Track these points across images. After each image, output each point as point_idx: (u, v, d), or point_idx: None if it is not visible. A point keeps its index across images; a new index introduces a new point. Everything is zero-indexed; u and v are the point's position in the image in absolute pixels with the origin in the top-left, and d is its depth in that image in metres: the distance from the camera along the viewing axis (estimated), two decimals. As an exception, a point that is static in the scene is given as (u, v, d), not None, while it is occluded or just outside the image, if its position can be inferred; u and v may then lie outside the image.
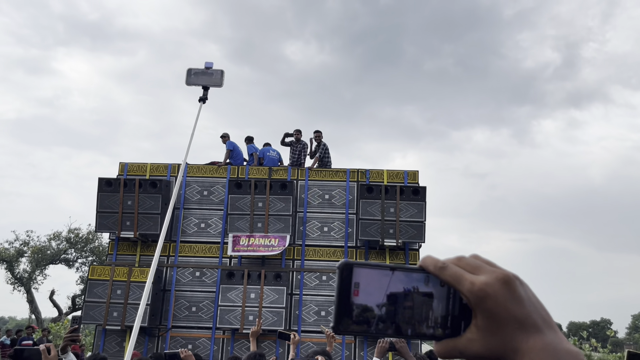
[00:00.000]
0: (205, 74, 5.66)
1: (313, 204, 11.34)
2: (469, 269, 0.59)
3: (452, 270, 0.59)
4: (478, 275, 0.58)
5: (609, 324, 65.98)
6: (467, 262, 0.60)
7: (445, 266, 0.59)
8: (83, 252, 29.73)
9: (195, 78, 5.70)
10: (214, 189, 11.58)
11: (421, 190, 10.77)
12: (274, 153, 12.24)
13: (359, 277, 0.59)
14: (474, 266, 0.60)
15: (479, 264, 0.60)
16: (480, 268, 0.59)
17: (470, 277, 0.58)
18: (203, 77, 5.62)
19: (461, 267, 0.60)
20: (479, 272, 0.59)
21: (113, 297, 10.46)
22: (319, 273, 10.88)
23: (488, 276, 0.58)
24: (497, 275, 0.58)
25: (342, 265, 0.59)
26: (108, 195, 11.05)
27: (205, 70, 5.65)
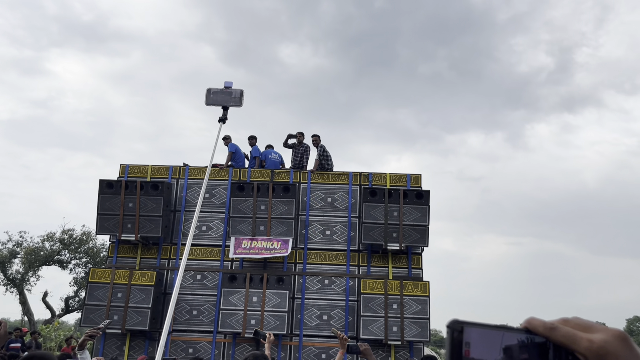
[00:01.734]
0: (224, 93, 5.62)
1: (315, 207, 11.29)
2: (580, 328, 0.61)
3: (564, 331, 0.60)
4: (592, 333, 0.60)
5: (603, 327, 66.29)
6: (575, 322, 0.62)
7: (555, 327, 0.61)
8: (77, 254, 29.48)
9: (215, 97, 5.62)
10: (215, 192, 11.50)
11: (425, 194, 10.74)
12: (276, 156, 12.18)
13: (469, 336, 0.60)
14: (584, 326, 0.61)
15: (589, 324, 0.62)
16: (592, 327, 0.61)
17: (587, 336, 0.59)
18: (222, 97, 5.58)
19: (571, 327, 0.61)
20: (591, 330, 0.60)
21: (113, 301, 10.35)
22: (321, 277, 10.82)
23: (604, 334, 0.59)
24: (613, 333, 0.60)
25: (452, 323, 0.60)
26: (109, 197, 10.94)
27: (225, 90, 5.61)
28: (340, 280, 10.79)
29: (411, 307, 10.17)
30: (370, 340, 10.16)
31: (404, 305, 10.16)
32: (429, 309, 10.17)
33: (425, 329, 10.06)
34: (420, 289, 10.29)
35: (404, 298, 10.19)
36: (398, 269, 10.88)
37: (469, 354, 0.59)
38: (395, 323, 10.06)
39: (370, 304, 10.21)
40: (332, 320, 10.56)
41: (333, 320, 10.56)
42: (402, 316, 10.07)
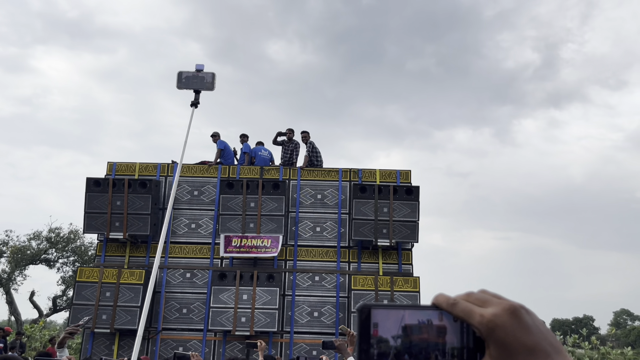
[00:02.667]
0: (196, 77, 5.52)
1: (305, 203, 11.25)
2: (478, 303, 0.63)
3: (463, 306, 0.63)
4: (486, 308, 0.62)
5: (591, 320, 67.22)
6: (475, 297, 0.64)
7: (456, 302, 0.63)
8: (64, 252, 29.19)
9: (187, 82, 5.53)
10: (204, 189, 11.42)
11: (414, 190, 10.75)
12: (266, 153, 12.12)
13: (376, 317, 0.64)
14: (482, 300, 0.64)
15: (487, 298, 0.64)
16: (488, 301, 0.63)
17: (479, 310, 0.62)
18: (194, 81, 5.49)
19: (470, 302, 0.63)
20: (487, 305, 0.63)
21: (102, 300, 10.25)
22: (311, 274, 10.80)
23: (496, 308, 0.61)
24: (504, 306, 0.61)
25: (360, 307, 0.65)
26: (96, 195, 10.82)
27: (197, 74, 5.52)
28: (330, 277, 10.78)
29: (402, 302, 10.18)
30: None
31: (394, 301, 10.17)
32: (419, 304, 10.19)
33: (415, 325, 10.08)
34: (411, 285, 10.31)
35: (395, 294, 10.20)
36: (388, 265, 10.89)
37: (377, 333, 0.64)
38: (385, 319, 10.07)
39: (361, 300, 10.21)
40: (323, 317, 10.55)
41: (324, 317, 10.55)
42: (393, 312, 10.08)
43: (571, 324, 60.29)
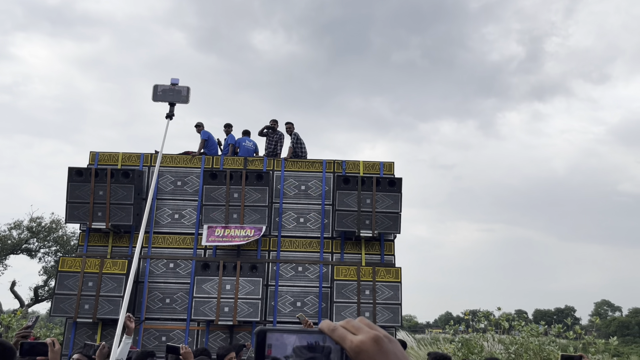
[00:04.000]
0: (172, 90, 5.66)
1: (289, 194, 11.31)
2: (352, 330, 0.79)
3: (339, 332, 0.79)
4: (357, 335, 0.78)
5: (572, 311, 68.52)
6: (352, 325, 0.80)
7: (335, 328, 0.79)
8: (46, 242, 28.91)
9: (163, 95, 5.66)
10: (188, 179, 11.41)
11: (397, 182, 10.86)
12: (250, 143, 12.12)
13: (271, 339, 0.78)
14: (356, 327, 0.80)
15: (360, 326, 0.80)
16: (360, 329, 0.79)
17: (350, 337, 0.78)
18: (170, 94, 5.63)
19: (347, 329, 0.79)
20: (359, 332, 0.79)
21: (84, 290, 10.23)
22: (295, 264, 10.88)
23: (363, 335, 0.78)
24: (369, 335, 0.78)
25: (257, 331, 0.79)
26: (78, 185, 10.75)
27: (172, 87, 5.65)
28: (313, 267, 10.87)
29: (383, 292, 10.32)
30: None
31: (376, 291, 10.30)
32: (400, 295, 10.34)
33: (397, 314, 10.23)
34: (393, 275, 10.44)
35: (377, 284, 10.33)
36: (371, 256, 11.01)
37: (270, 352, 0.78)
38: (367, 309, 10.20)
39: (343, 290, 10.32)
40: (306, 307, 10.65)
41: (307, 307, 10.65)
42: (375, 302, 10.22)
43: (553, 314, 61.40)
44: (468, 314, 18.04)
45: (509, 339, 14.11)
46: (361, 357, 0.77)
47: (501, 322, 14.81)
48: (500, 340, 14.59)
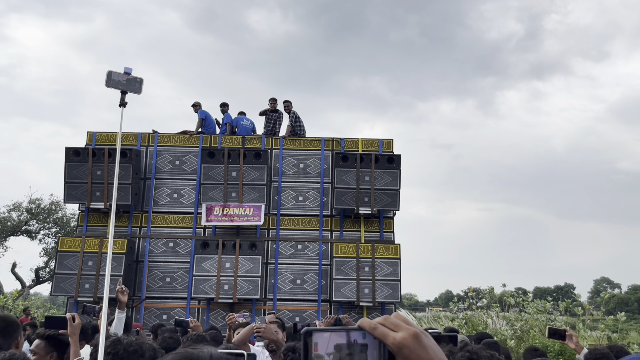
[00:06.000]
0: (125, 78, 5.63)
1: (288, 173, 11.28)
2: (392, 327, 0.88)
3: (380, 330, 0.88)
4: (397, 332, 0.87)
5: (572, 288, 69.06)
6: (390, 322, 0.89)
7: (376, 327, 0.88)
8: (46, 224, 28.98)
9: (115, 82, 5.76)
10: (186, 159, 11.37)
11: (396, 159, 10.82)
12: (248, 122, 12.05)
13: (316, 339, 0.86)
14: (395, 324, 0.89)
15: (398, 323, 0.89)
16: (399, 326, 0.88)
17: (392, 334, 0.87)
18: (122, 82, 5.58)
19: (386, 326, 0.89)
20: (398, 329, 0.88)
21: (84, 269, 10.26)
22: (294, 242, 10.90)
23: (404, 332, 0.87)
24: (410, 332, 0.87)
25: (304, 332, 0.87)
26: (76, 165, 10.71)
27: (125, 76, 5.63)
28: (313, 245, 10.89)
29: (382, 269, 10.36)
30: (343, 302, 10.36)
31: (375, 267, 10.34)
32: (399, 271, 10.38)
33: (396, 290, 10.28)
34: (392, 252, 10.47)
35: (376, 261, 10.36)
36: (370, 233, 11.02)
37: (317, 350, 0.85)
38: (367, 285, 10.25)
39: (343, 267, 10.36)
40: (306, 285, 10.70)
41: (306, 284, 10.70)
42: (374, 278, 10.26)
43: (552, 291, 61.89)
44: (472, 290, 18.11)
45: (514, 315, 14.14)
46: (403, 352, 0.87)
47: (506, 298, 14.85)
48: (504, 317, 14.63)
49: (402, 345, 0.87)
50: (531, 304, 14.04)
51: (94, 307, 5.26)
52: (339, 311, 10.47)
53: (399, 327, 0.89)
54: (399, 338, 0.87)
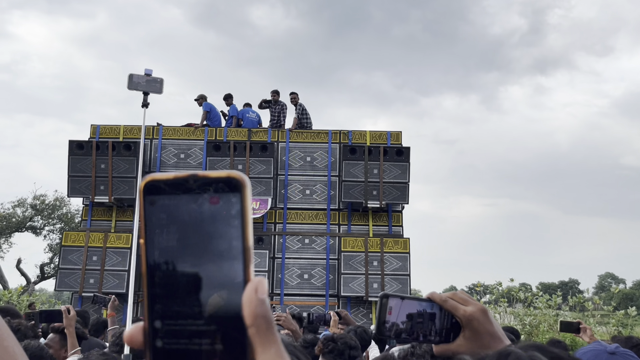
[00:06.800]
0: (145, 79, 5.96)
1: (294, 166, 11.09)
2: (461, 301, 0.97)
3: (451, 303, 0.96)
4: (467, 306, 0.96)
5: (576, 284, 68.83)
6: (459, 297, 0.98)
7: (447, 300, 0.96)
8: (50, 220, 28.90)
9: (137, 84, 5.97)
10: (191, 152, 11.19)
11: (405, 151, 10.62)
12: (254, 115, 11.86)
13: (391, 303, 0.93)
14: (463, 299, 0.97)
15: (466, 298, 0.97)
16: (468, 301, 0.97)
17: (462, 307, 0.95)
18: (144, 83, 5.93)
19: (456, 300, 0.97)
20: (467, 304, 0.96)
21: (89, 264, 10.11)
22: (301, 236, 10.72)
23: (473, 307, 0.96)
24: (479, 307, 0.96)
25: (382, 295, 0.94)
26: (80, 158, 10.55)
27: (146, 77, 5.96)
28: (320, 239, 10.71)
29: (392, 264, 10.17)
30: (351, 297, 10.19)
31: (384, 262, 10.15)
32: (409, 266, 10.20)
33: (405, 285, 10.10)
34: (401, 246, 10.28)
35: (385, 255, 10.18)
36: (378, 227, 10.83)
37: (390, 313, 0.93)
38: (375, 280, 10.07)
39: (351, 262, 10.18)
40: (313, 279, 10.53)
41: (314, 279, 10.52)
42: (383, 273, 10.08)
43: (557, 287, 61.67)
44: (480, 285, 17.91)
45: (523, 310, 13.97)
46: (473, 324, 0.95)
47: (514, 293, 14.65)
48: (512, 312, 14.45)
49: (473, 318, 0.95)
50: (541, 299, 13.86)
51: (104, 298, 5.33)
52: (347, 306, 10.30)
53: (468, 302, 0.98)
54: (469, 311, 0.96)
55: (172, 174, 0.45)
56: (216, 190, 0.45)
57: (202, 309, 0.43)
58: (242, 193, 0.45)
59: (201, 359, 0.43)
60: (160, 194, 0.44)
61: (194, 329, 0.43)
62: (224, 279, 0.44)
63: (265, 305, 0.44)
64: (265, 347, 0.43)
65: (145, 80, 5.89)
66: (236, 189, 0.45)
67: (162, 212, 0.44)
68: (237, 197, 0.44)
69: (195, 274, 0.44)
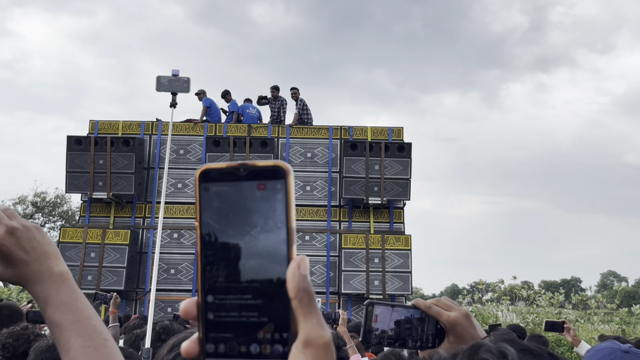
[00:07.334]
0: (173, 80, 6.13)
1: (295, 162, 10.97)
2: (445, 307, 1.03)
3: (435, 309, 1.03)
4: (451, 312, 1.03)
5: (578, 282, 68.69)
6: (442, 303, 1.04)
7: (430, 306, 1.03)
8: (51, 217, 28.87)
9: (164, 85, 6.15)
10: (190, 148, 11.08)
11: (406, 147, 10.50)
12: (254, 110, 11.75)
13: (377, 310, 1.01)
14: (447, 305, 1.04)
15: (450, 304, 1.04)
16: (451, 307, 1.04)
17: (446, 313, 1.02)
18: (171, 84, 6.09)
19: (439, 306, 1.03)
20: (451, 309, 1.03)
21: (87, 260, 10.01)
22: (301, 233, 10.61)
23: (456, 312, 1.02)
24: (462, 312, 1.03)
25: (367, 303, 1.03)
26: (78, 154, 10.45)
27: (174, 77, 6.13)
28: (321, 236, 10.60)
29: (393, 260, 10.05)
30: (352, 294, 10.08)
31: (385, 259, 10.04)
32: (410, 263, 10.08)
33: (407, 282, 9.98)
34: (402, 243, 10.17)
35: (386, 252, 10.06)
36: (380, 224, 10.71)
37: (376, 320, 0.99)
38: (377, 277, 9.96)
39: (352, 259, 10.07)
40: (314, 277, 10.41)
41: (315, 276, 10.41)
42: (384, 270, 9.96)
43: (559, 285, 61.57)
44: (482, 283, 17.80)
45: (525, 308, 13.88)
46: (457, 329, 1.00)
47: (517, 291, 14.55)
48: (514, 310, 14.35)
49: (456, 323, 1.00)
50: (544, 297, 13.77)
51: (106, 295, 5.32)
52: (348, 304, 10.19)
53: (451, 308, 1.03)
54: (452, 316, 1.01)
55: (224, 164, 0.49)
56: (263, 178, 0.49)
57: (250, 285, 0.48)
58: (287, 180, 0.49)
59: (248, 330, 0.48)
60: (213, 180, 0.49)
61: (242, 303, 0.48)
62: (270, 256, 0.49)
63: (307, 280, 0.48)
64: (307, 317, 0.47)
65: (169, 80, 6.05)
66: (281, 176, 0.49)
67: (215, 197, 0.49)
68: (282, 183, 0.49)
69: (243, 252, 0.48)
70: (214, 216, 0.49)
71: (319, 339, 0.46)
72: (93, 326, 0.90)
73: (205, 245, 0.49)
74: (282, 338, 0.48)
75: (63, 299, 0.88)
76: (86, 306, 0.89)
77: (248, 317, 0.48)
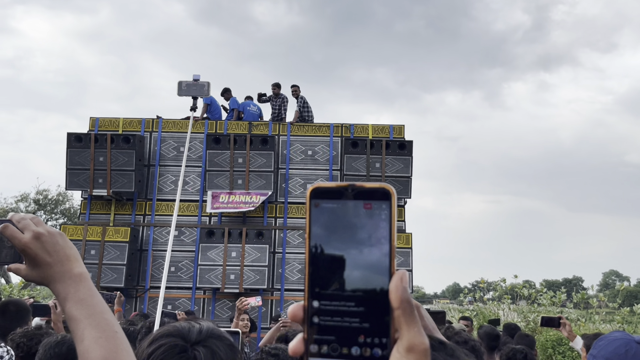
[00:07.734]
0: (194, 85, 6.35)
1: (295, 160, 10.94)
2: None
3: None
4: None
5: (580, 281, 68.62)
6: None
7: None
8: (53, 215, 28.91)
9: (186, 90, 6.37)
10: (191, 145, 11.04)
11: (407, 145, 10.46)
12: (255, 108, 11.72)
13: None
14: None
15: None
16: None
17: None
18: (192, 88, 6.31)
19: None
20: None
21: (87, 258, 9.99)
22: (302, 231, 10.58)
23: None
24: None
25: None
26: (78, 151, 10.43)
27: (194, 82, 6.36)
28: (321, 234, 10.56)
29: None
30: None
31: (386, 257, 10.00)
32: (411, 261, 10.05)
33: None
34: (403, 241, 10.13)
35: (387, 250, 10.02)
36: (380, 222, 10.67)
37: None
38: (377, 275, 9.92)
39: (352, 257, 10.03)
40: (314, 274, 10.39)
41: (314, 274, 10.39)
42: (385, 268, 9.92)
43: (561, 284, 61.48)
44: (484, 282, 17.77)
45: (527, 307, 13.84)
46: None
47: (518, 289, 14.50)
48: (516, 309, 14.31)
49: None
50: (545, 296, 13.73)
51: (110, 294, 5.52)
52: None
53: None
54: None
55: (334, 183, 0.55)
56: (370, 198, 0.54)
57: (354, 293, 0.53)
58: (391, 201, 0.54)
59: (350, 334, 0.53)
60: (323, 198, 0.55)
61: (346, 309, 0.53)
62: (373, 268, 0.53)
63: (408, 292, 0.52)
64: (410, 325, 0.51)
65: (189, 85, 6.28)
66: (386, 198, 0.54)
67: (324, 213, 0.54)
68: (387, 204, 0.54)
69: (348, 263, 0.53)
70: (322, 229, 0.54)
71: (421, 345, 0.51)
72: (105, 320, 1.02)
73: (313, 255, 0.55)
74: (382, 343, 0.52)
75: (81, 296, 1.01)
76: (100, 302, 1.02)
77: (350, 322, 0.53)
